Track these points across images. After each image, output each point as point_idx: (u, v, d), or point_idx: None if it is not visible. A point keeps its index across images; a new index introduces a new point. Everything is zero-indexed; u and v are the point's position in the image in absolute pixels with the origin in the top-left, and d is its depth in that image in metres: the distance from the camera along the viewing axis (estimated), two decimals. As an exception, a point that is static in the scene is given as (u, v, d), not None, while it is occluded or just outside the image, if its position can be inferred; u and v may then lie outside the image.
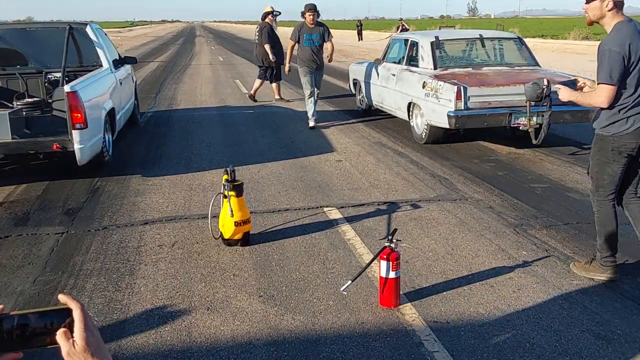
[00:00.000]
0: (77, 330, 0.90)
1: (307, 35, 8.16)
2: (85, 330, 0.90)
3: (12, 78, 6.83)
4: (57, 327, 0.90)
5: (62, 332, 0.89)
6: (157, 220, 4.66)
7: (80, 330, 0.89)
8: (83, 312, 0.91)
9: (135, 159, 6.75)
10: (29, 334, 0.90)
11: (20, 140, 5.39)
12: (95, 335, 0.92)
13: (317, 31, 8.21)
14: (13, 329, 0.89)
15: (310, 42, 8.21)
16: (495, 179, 5.70)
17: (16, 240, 4.28)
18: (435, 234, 4.29)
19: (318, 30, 8.21)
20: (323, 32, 8.25)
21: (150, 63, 22.51)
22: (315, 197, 5.22)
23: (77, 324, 0.90)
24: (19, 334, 0.89)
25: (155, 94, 12.75)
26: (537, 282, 3.50)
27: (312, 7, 8.10)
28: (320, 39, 8.21)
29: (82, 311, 0.91)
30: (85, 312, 0.92)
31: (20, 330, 0.89)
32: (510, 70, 7.33)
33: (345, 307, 3.21)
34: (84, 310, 0.91)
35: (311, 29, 8.20)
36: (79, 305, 0.91)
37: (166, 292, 3.43)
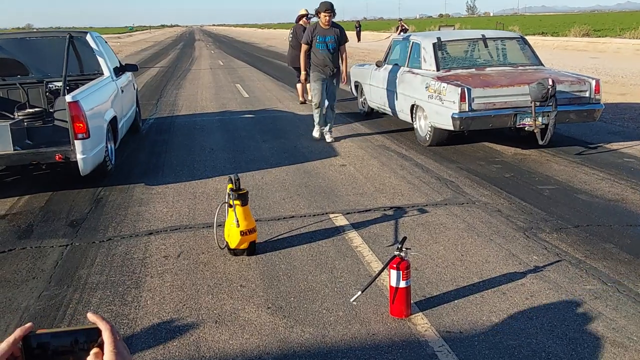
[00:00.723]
0: (107, 352, 0.85)
1: (320, 37, 7.38)
2: (115, 353, 0.85)
3: (13, 88, 6.79)
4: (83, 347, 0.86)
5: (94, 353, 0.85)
6: (161, 230, 4.62)
7: (110, 352, 0.85)
8: (113, 333, 0.87)
9: (138, 167, 6.71)
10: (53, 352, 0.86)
11: (22, 152, 5.35)
12: (126, 357, 0.87)
13: (332, 33, 7.44)
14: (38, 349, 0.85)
15: (324, 45, 7.48)
16: (502, 181, 5.65)
17: (20, 253, 4.23)
18: (443, 239, 4.23)
19: (333, 32, 7.45)
20: (339, 35, 7.51)
21: (150, 68, 22.50)
22: (320, 203, 5.17)
23: (107, 346, 0.86)
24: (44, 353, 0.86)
25: (157, 100, 12.72)
26: (550, 287, 3.44)
27: (329, 7, 7.30)
28: (335, 42, 7.45)
29: (111, 332, 0.87)
30: (115, 332, 0.88)
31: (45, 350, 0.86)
32: (514, 70, 7.28)
33: (355, 318, 3.15)
34: (114, 331, 0.87)
35: (325, 31, 7.41)
36: (108, 326, 0.87)
37: (173, 305, 3.38)
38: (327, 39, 7.41)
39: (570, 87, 6.67)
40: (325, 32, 7.42)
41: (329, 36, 7.41)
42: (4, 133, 5.24)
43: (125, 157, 7.11)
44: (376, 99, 8.90)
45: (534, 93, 6.24)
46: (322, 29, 7.43)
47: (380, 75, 8.52)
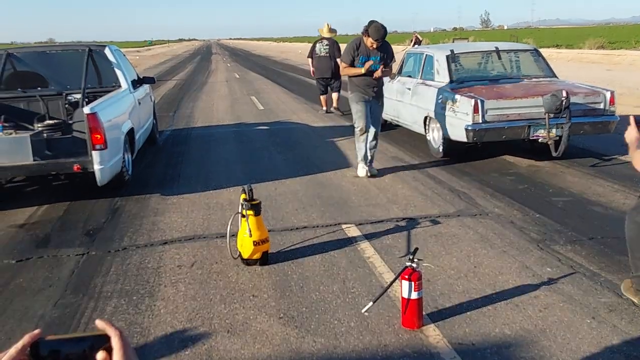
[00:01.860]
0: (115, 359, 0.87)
1: (363, 58, 6.31)
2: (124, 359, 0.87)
3: (33, 100, 6.93)
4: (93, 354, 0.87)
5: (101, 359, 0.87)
6: (176, 240, 4.66)
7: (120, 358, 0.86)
8: (122, 339, 0.88)
9: (154, 178, 6.79)
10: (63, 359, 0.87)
11: (41, 162, 5.45)
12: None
13: (378, 54, 6.32)
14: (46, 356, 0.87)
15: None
16: (516, 193, 5.62)
17: (37, 262, 4.30)
18: (456, 250, 4.22)
19: (379, 53, 6.33)
20: (385, 56, 6.37)
21: (168, 81, 22.78)
22: (333, 214, 5.19)
23: (116, 352, 0.87)
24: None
25: (173, 112, 12.87)
26: (564, 300, 3.42)
27: (381, 37, 6.12)
28: (379, 64, 6.29)
29: (121, 338, 0.87)
30: (125, 339, 0.88)
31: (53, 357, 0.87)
32: (528, 82, 7.27)
33: (367, 329, 3.16)
34: (123, 338, 0.88)
35: (370, 51, 6.32)
36: (117, 332, 0.88)
37: (186, 314, 3.41)
38: (372, 59, 6.31)
39: (584, 98, 6.64)
40: (370, 53, 6.32)
41: (373, 56, 6.30)
42: (24, 144, 5.35)
43: (142, 168, 7.21)
44: (389, 111, 8.91)
45: (548, 105, 6.22)
46: (366, 47, 6.30)
47: (394, 87, 8.55)
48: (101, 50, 7.09)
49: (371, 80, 6.34)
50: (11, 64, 6.99)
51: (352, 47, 6.36)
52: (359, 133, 6.46)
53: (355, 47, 6.34)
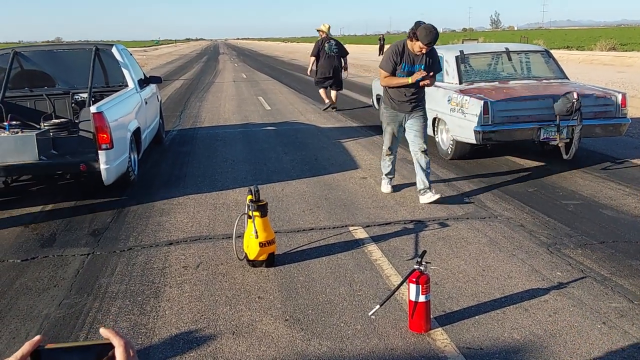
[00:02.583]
0: None
1: (407, 66, 5.33)
2: None
3: (40, 99, 6.93)
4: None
5: None
6: (181, 240, 4.64)
7: None
8: (126, 350, 0.83)
9: (160, 178, 6.77)
10: None
11: (47, 161, 5.44)
12: None
13: (424, 61, 5.36)
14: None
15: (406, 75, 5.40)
16: (525, 196, 5.56)
17: (42, 261, 4.28)
18: (465, 254, 4.17)
19: (425, 60, 5.35)
20: (431, 63, 5.40)
21: (175, 81, 22.82)
22: (340, 215, 5.15)
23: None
24: None
25: (180, 112, 12.87)
26: (574, 305, 3.36)
27: (432, 41, 5.13)
28: (426, 71, 5.34)
29: (125, 349, 0.83)
30: (129, 350, 0.84)
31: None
32: (538, 83, 7.19)
33: (373, 332, 3.11)
34: (127, 348, 0.84)
35: (416, 57, 5.35)
36: (122, 342, 0.84)
37: (191, 315, 3.37)
38: (416, 67, 5.35)
39: (595, 100, 6.56)
40: (415, 59, 5.35)
41: (418, 64, 5.36)
42: (30, 143, 5.34)
43: (148, 168, 7.19)
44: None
45: (559, 107, 6.15)
46: (410, 53, 5.32)
47: (402, 88, 8.49)
48: (108, 49, 7.08)
49: (413, 91, 5.39)
50: (18, 63, 7.00)
51: (394, 52, 5.34)
52: (385, 152, 5.82)
53: (397, 52, 5.32)
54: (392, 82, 5.43)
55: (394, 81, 5.41)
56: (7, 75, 6.65)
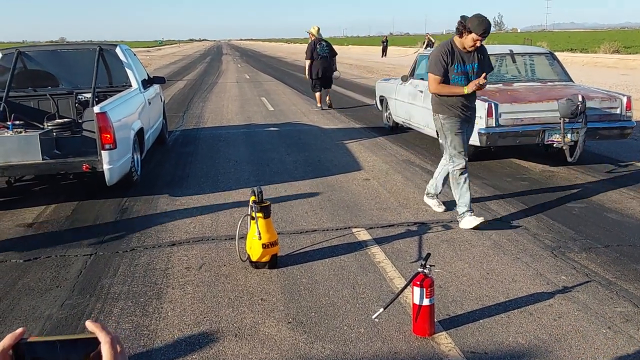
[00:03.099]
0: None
1: (459, 66, 4.72)
2: None
3: (43, 99, 6.93)
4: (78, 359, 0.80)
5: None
6: (184, 241, 4.62)
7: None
8: (113, 346, 0.80)
9: (163, 178, 6.76)
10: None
11: (50, 161, 5.43)
12: None
13: (475, 59, 4.77)
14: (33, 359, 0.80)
15: (464, 79, 4.74)
16: (530, 199, 5.53)
17: (45, 261, 4.27)
18: (469, 257, 4.15)
19: (476, 58, 4.78)
20: (482, 58, 4.84)
21: (178, 81, 22.83)
22: (343, 217, 5.13)
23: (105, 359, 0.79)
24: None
25: (183, 113, 12.87)
26: (579, 309, 3.33)
27: (487, 30, 4.57)
28: (477, 73, 4.76)
29: (111, 346, 0.79)
30: (116, 346, 0.80)
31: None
32: (543, 86, 7.17)
33: (377, 336, 3.09)
34: (114, 345, 0.80)
35: (466, 56, 4.74)
36: (108, 338, 0.80)
37: (193, 317, 3.36)
38: (469, 67, 4.75)
39: (600, 103, 6.53)
40: (466, 58, 4.75)
41: (470, 63, 4.76)
42: (33, 143, 5.34)
43: (151, 168, 7.18)
44: (401, 114, 8.85)
45: (563, 109, 6.12)
46: (460, 52, 4.73)
47: (406, 90, 8.48)
48: (112, 49, 7.08)
49: (468, 97, 4.78)
50: (22, 63, 6.99)
51: (444, 53, 4.70)
52: (457, 172, 4.81)
53: (447, 52, 4.69)
54: (444, 91, 4.70)
55: (447, 90, 4.68)
56: (11, 74, 6.65)
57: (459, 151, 4.81)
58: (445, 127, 4.81)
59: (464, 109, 4.79)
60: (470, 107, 4.86)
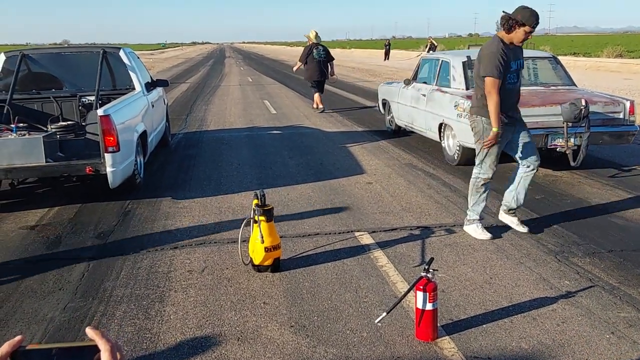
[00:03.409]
0: None
1: (513, 64, 4.49)
2: None
3: (47, 102, 6.94)
4: None
5: None
6: (187, 244, 4.62)
7: None
8: (112, 354, 0.79)
9: (166, 181, 6.77)
10: None
11: (53, 164, 5.44)
12: None
13: (520, 54, 4.61)
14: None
15: (516, 77, 4.57)
16: (533, 203, 5.52)
17: (47, 264, 4.27)
18: (472, 261, 4.14)
19: (520, 54, 4.61)
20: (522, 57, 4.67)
21: (181, 84, 22.87)
22: (345, 220, 5.12)
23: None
24: None
25: (186, 116, 12.89)
26: (582, 314, 3.32)
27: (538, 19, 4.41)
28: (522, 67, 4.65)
29: (111, 354, 0.79)
30: (115, 354, 0.80)
31: None
32: (546, 90, 7.16)
33: (380, 340, 3.08)
34: (113, 352, 0.80)
35: (513, 52, 4.50)
36: (108, 346, 0.79)
37: (196, 320, 3.36)
38: (519, 64, 4.58)
39: (603, 108, 6.52)
40: (514, 55, 4.51)
41: (518, 60, 4.56)
42: (37, 145, 5.35)
43: (153, 171, 7.19)
44: (404, 117, 8.85)
45: (567, 113, 6.11)
46: (509, 49, 4.47)
47: (409, 93, 8.49)
48: (116, 52, 7.09)
49: (516, 97, 4.65)
50: (26, 65, 7.01)
51: (502, 52, 4.38)
52: (481, 181, 4.72)
53: (503, 52, 4.38)
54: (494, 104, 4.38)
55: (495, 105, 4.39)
56: (14, 77, 6.67)
57: (493, 161, 4.67)
58: (486, 133, 4.55)
59: (512, 110, 4.63)
60: (514, 117, 4.65)
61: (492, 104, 4.40)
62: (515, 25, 4.35)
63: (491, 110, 4.43)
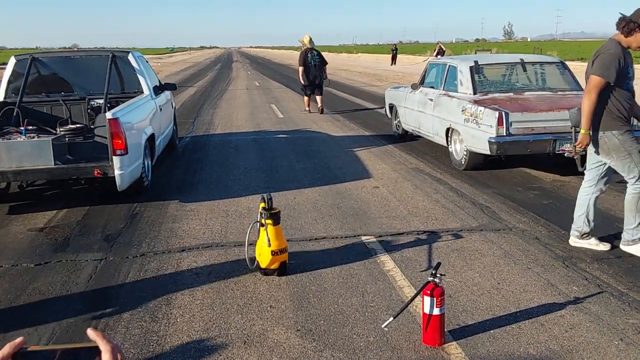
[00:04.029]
0: None
1: (629, 68, 4.24)
2: None
3: (56, 105, 6.99)
4: None
5: None
6: (193, 247, 4.63)
7: None
8: (113, 355, 0.79)
9: (173, 184, 6.79)
10: None
11: (62, 166, 5.47)
12: None
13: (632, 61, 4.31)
14: None
15: (631, 81, 4.33)
16: (540, 208, 5.50)
17: (55, 266, 4.30)
18: (479, 266, 4.12)
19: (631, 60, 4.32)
20: None
21: (189, 88, 22.97)
22: (352, 225, 5.12)
23: None
24: None
25: (194, 119, 12.93)
26: (591, 320, 3.30)
27: None
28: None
29: (111, 355, 0.79)
30: (116, 355, 0.80)
31: None
32: (554, 95, 7.14)
33: (386, 345, 3.07)
34: (114, 354, 0.80)
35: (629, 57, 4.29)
36: (109, 347, 0.80)
37: (202, 323, 3.36)
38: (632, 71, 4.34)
39: (612, 113, 6.48)
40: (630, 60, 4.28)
41: (631, 66, 4.29)
42: (46, 148, 5.38)
43: (161, 174, 7.22)
44: (411, 122, 8.85)
45: (575, 118, 6.06)
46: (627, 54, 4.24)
47: (416, 97, 8.49)
48: (124, 56, 7.14)
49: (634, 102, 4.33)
50: (36, 69, 7.07)
51: (619, 56, 4.13)
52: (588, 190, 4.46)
53: (621, 56, 4.14)
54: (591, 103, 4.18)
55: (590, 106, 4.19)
56: (24, 80, 6.73)
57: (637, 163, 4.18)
58: (626, 144, 4.17)
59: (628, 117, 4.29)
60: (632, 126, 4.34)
61: (588, 104, 4.16)
62: (636, 28, 4.07)
63: (584, 110, 4.20)
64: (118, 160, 5.33)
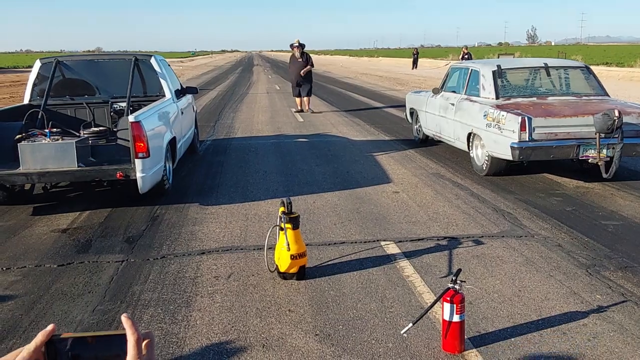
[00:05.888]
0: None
1: None
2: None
3: (80, 107, 7.10)
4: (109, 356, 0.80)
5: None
6: (213, 250, 4.66)
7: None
8: (137, 345, 0.79)
9: (193, 187, 6.85)
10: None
11: (85, 168, 5.55)
12: None
13: None
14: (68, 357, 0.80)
15: None
16: (563, 215, 5.41)
17: (78, 267, 4.36)
18: (500, 273, 4.07)
19: None
20: None
21: (210, 91, 23.14)
22: (372, 230, 5.10)
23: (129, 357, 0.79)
24: None
25: (214, 123, 13.03)
26: (614, 329, 3.24)
27: None
28: None
29: (135, 345, 0.79)
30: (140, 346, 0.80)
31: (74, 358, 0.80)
32: (578, 100, 7.04)
33: (405, 351, 3.05)
34: (138, 344, 0.79)
35: None
36: (135, 337, 0.79)
37: (222, 326, 3.37)
38: None
39: (637, 119, 6.38)
40: None
41: None
42: (69, 150, 5.47)
43: (182, 177, 7.28)
44: (432, 126, 8.79)
45: (599, 124, 6.00)
46: None
47: (437, 102, 8.43)
48: (147, 59, 7.22)
49: None
50: (60, 72, 7.19)
51: None
52: None
53: None
54: None
55: None
56: (49, 83, 6.85)
57: None
58: None
59: None
60: None
61: None
62: None
63: None
64: (140, 163, 5.39)
